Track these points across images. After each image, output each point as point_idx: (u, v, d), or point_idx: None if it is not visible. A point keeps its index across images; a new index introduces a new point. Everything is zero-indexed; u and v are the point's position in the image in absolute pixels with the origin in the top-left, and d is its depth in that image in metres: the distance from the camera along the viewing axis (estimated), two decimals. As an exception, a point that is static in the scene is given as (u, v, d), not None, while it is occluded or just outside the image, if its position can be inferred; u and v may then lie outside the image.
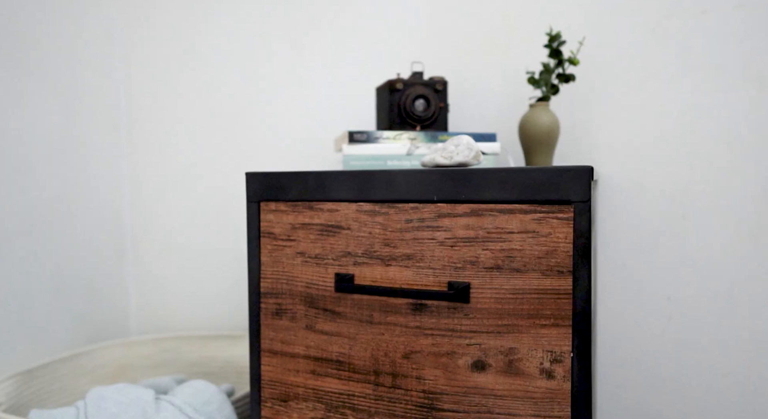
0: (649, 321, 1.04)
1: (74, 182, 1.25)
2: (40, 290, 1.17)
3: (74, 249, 1.25)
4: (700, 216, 1.01)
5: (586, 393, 0.66)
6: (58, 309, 1.21)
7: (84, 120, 1.28)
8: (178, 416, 0.79)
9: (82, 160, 1.27)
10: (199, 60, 1.32)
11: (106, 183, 1.34)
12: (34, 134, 1.16)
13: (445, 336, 0.71)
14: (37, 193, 1.16)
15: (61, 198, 1.22)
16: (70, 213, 1.24)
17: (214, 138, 1.32)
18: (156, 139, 1.36)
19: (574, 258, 0.66)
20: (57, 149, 1.21)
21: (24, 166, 1.13)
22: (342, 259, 0.76)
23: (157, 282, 1.38)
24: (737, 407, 0.99)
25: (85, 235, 1.28)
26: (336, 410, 0.76)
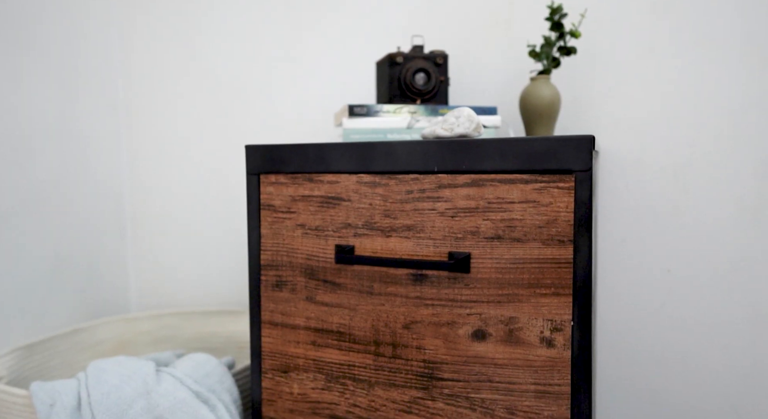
0: (648, 295, 1.04)
1: (73, 161, 1.24)
2: (40, 268, 1.17)
3: (74, 227, 1.25)
4: (701, 191, 1.01)
5: (586, 361, 0.66)
6: (57, 286, 1.22)
7: (82, 99, 1.27)
8: (179, 387, 0.80)
9: (81, 139, 1.27)
10: (197, 38, 1.30)
11: (105, 161, 1.33)
12: (31, 113, 1.15)
13: (446, 306, 0.71)
14: (36, 172, 1.16)
15: (61, 176, 1.21)
16: (69, 192, 1.24)
17: (213, 115, 1.31)
18: (154, 117, 1.35)
19: (574, 228, 0.66)
20: (55, 128, 1.20)
21: (23, 145, 1.13)
22: (342, 231, 0.76)
23: (157, 259, 1.38)
24: (736, 379, 1.00)
25: (84, 213, 1.28)
26: (336, 380, 0.77)
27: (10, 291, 1.11)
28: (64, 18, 1.23)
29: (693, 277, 1.02)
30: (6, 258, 1.10)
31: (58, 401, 0.76)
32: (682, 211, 1.02)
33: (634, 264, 1.05)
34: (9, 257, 1.11)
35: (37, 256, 1.17)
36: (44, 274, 1.18)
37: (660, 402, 1.04)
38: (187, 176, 1.34)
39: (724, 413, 1.01)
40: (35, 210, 1.16)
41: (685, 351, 1.03)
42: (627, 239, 1.05)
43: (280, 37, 1.25)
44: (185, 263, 1.36)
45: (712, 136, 1.00)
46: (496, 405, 0.70)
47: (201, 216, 1.34)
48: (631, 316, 1.05)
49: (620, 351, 1.06)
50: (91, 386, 0.78)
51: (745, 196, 0.99)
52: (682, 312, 1.02)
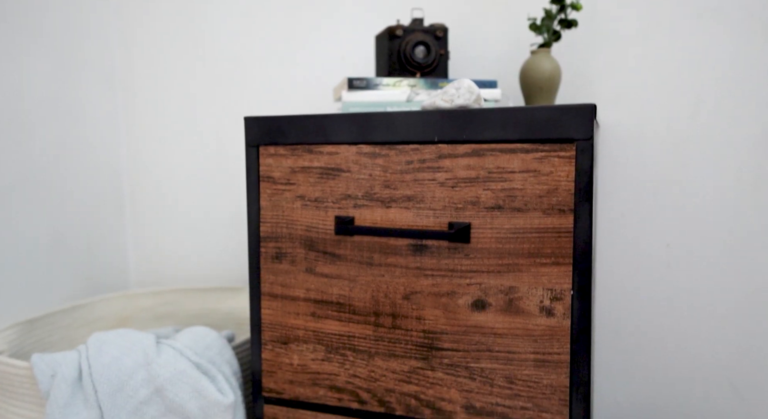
0: (647, 268, 1.04)
1: (71, 138, 1.24)
2: (39, 245, 1.17)
3: (72, 204, 1.24)
4: (701, 164, 1.01)
5: (585, 330, 0.66)
6: (56, 263, 1.21)
7: (79, 76, 1.25)
8: (179, 358, 0.80)
9: (78, 116, 1.26)
10: (194, 13, 1.29)
11: (103, 138, 1.32)
12: (28, 90, 1.14)
13: (446, 277, 0.71)
14: (34, 149, 1.15)
15: (58, 153, 1.21)
16: (67, 169, 1.23)
17: (211, 91, 1.30)
18: (152, 93, 1.34)
19: (575, 197, 0.66)
20: (52, 105, 1.19)
21: (20, 122, 1.12)
22: (342, 202, 0.76)
23: (156, 235, 1.38)
24: (733, 352, 1.01)
25: (82, 190, 1.27)
26: (336, 351, 0.77)
27: (9, 268, 1.11)
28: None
29: (692, 251, 1.02)
30: (4, 235, 1.10)
31: (58, 372, 0.77)
32: (681, 185, 1.02)
33: (633, 238, 1.05)
34: (7, 234, 1.11)
35: (35, 233, 1.16)
36: (43, 251, 1.18)
37: (657, 375, 1.05)
38: (186, 152, 1.33)
39: (721, 386, 1.02)
40: (33, 187, 1.15)
41: (683, 325, 1.03)
42: (626, 214, 1.05)
43: (278, 10, 1.23)
44: (184, 239, 1.36)
45: (712, 110, 1.00)
46: (495, 374, 0.70)
47: (200, 192, 1.33)
48: (629, 290, 1.05)
49: (619, 325, 1.06)
50: (92, 357, 0.78)
51: (745, 170, 0.98)
52: (680, 286, 1.03)
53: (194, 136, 1.32)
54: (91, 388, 0.76)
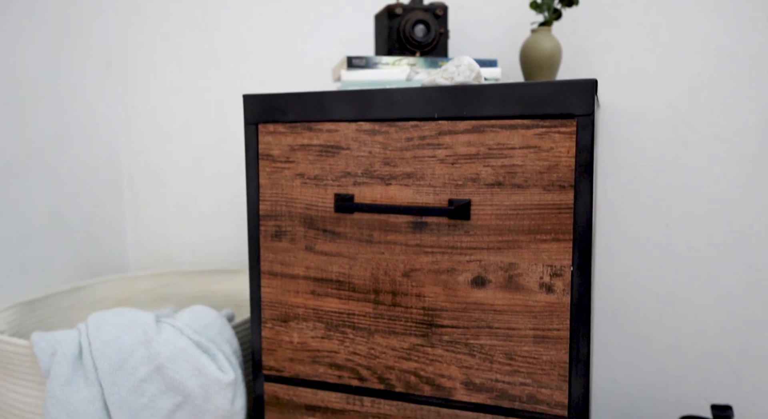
0: (647, 249, 1.04)
1: (68, 118, 1.23)
2: (37, 226, 1.17)
3: (70, 185, 1.24)
4: (701, 145, 1.00)
5: (585, 305, 0.66)
6: (55, 245, 1.21)
7: (75, 56, 1.24)
8: (179, 337, 0.80)
9: (75, 96, 1.25)
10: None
11: (100, 118, 1.32)
12: (24, 69, 1.13)
13: (446, 254, 0.71)
14: (30, 129, 1.14)
15: (56, 134, 1.20)
16: (65, 149, 1.22)
17: (210, 72, 1.29)
18: (149, 72, 1.33)
19: (576, 173, 0.66)
20: (49, 85, 1.18)
21: (16, 102, 1.11)
22: (341, 180, 0.75)
23: (155, 217, 1.38)
24: (729, 330, 1.01)
25: (80, 171, 1.26)
26: (336, 329, 0.77)
27: (8, 250, 1.11)
28: (55, -29, 1.20)
29: (691, 232, 1.02)
30: (2, 217, 1.10)
31: (58, 350, 0.77)
32: (681, 166, 1.02)
33: (632, 219, 1.05)
34: (5, 215, 1.10)
35: (34, 216, 1.16)
36: (42, 233, 1.18)
37: (655, 352, 1.05)
38: (184, 134, 1.33)
39: (717, 363, 1.02)
40: (32, 169, 1.15)
41: (681, 304, 1.03)
42: (626, 195, 1.05)
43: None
44: (183, 221, 1.36)
45: (713, 90, 0.99)
46: (495, 350, 0.70)
47: (199, 174, 1.33)
48: (629, 270, 1.06)
49: (617, 306, 1.07)
50: (92, 335, 0.78)
51: (746, 150, 0.98)
52: (679, 266, 1.03)
53: (192, 115, 1.31)
54: (92, 366, 0.76)
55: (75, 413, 0.74)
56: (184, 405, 0.80)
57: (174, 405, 0.80)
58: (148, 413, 0.78)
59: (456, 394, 0.72)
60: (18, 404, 0.81)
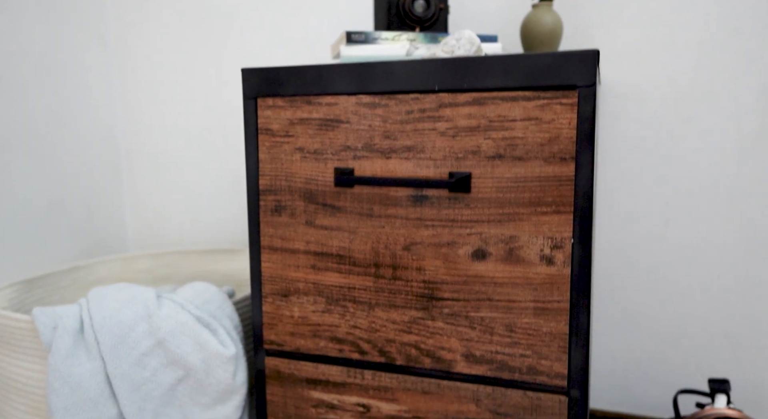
0: (646, 226, 1.04)
1: (64, 97, 1.22)
2: (36, 206, 1.16)
3: (68, 164, 1.23)
4: (703, 120, 1.00)
5: (585, 277, 0.66)
6: (54, 225, 1.21)
7: (70, 33, 1.23)
8: (180, 312, 0.80)
9: (71, 75, 1.24)
10: (187, -34, 1.26)
11: (97, 96, 1.31)
12: (19, 47, 1.12)
13: (446, 227, 0.71)
14: (26, 108, 1.13)
15: (52, 113, 1.19)
16: (61, 128, 1.22)
17: (207, 49, 1.28)
18: (146, 49, 1.32)
19: (577, 144, 0.66)
20: (44, 63, 1.17)
21: (11, 80, 1.10)
22: (341, 154, 0.75)
23: (153, 197, 1.37)
24: (728, 304, 1.02)
25: (78, 150, 1.26)
26: (336, 302, 0.77)
27: (6, 228, 1.11)
28: (50, -53, 1.18)
29: (691, 208, 1.02)
30: (0, 195, 1.09)
31: (60, 324, 0.77)
32: (682, 141, 1.01)
33: (632, 196, 1.05)
34: (3, 194, 1.10)
35: (31, 195, 1.15)
36: (40, 213, 1.17)
37: (653, 328, 1.06)
38: (182, 111, 1.32)
39: (715, 336, 1.03)
40: (28, 147, 1.14)
41: (680, 280, 1.04)
42: (626, 171, 1.05)
43: (274, -33, 1.21)
44: (182, 201, 1.35)
45: (715, 65, 0.98)
46: (495, 322, 0.70)
47: (197, 152, 1.32)
48: (628, 247, 1.06)
49: (616, 282, 1.07)
50: (93, 310, 0.78)
51: (747, 125, 0.98)
52: (679, 242, 1.03)
53: (191, 95, 1.31)
54: (93, 340, 0.76)
55: (77, 385, 0.74)
56: (185, 379, 0.80)
57: (176, 378, 0.80)
58: (150, 386, 0.78)
59: (456, 366, 0.73)
60: (21, 378, 0.82)
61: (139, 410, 0.77)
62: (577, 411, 0.68)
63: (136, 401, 0.77)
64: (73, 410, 0.74)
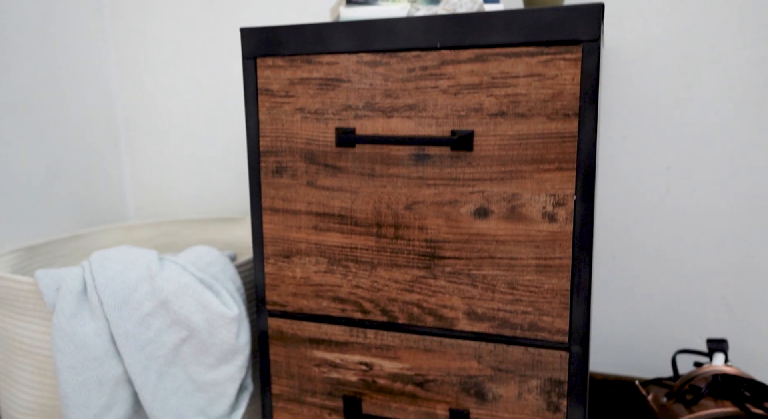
0: (647, 192, 1.04)
1: (60, 65, 1.21)
2: (35, 176, 1.16)
3: (66, 133, 1.23)
4: (706, 86, 0.99)
5: (587, 233, 0.67)
6: (53, 194, 1.21)
7: (64, 1, 1.22)
8: (183, 273, 0.81)
9: (66, 43, 1.22)
10: (183, -70, 1.24)
11: (92, 64, 1.29)
12: (11, 15, 1.10)
13: (448, 185, 0.71)
14: (22, 76, 1.12)
15: (48, 81, 1.18)
16: (58, 98, 1.20)
17: (204, 11, 1.26)
18: (141, 15, 1.31)
19: (580, 100, 0.65)
20: (39, 31, 1.16)
21: (5, 50, 1.09)
22: (342, 113, 0.75)
23: (152, 165, 1.37)
24: (727, 270, 1.02)
25: (75, 119, 1.25)
26: (339, 263, 0.77)
27: (6, 200, 1.10)
28: None
29: (692, 174, 1.02)
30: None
31: (63, 285, 0.77)
32: (685, 107, 1.01)
33: (634, 161, 1.04)
34: (1, 164, 1.09)
35: (29, 164, 1.15)
36: (39, 182, 1.17)
37: (653, 291, 1.06)
38: (180, 77, 1.31)
39: (714, 303, 1.03)
40: (24, 116, 1.13)
41: (680, 244, 1.04)
42: (628, 137, 1.04)
43: (271, -71, 1.18)
44: (182, 168, 1.35)
45: (718, 28, 0.97)
46: (497, 280, 0.71)
47: (196, 118, 1.31)
48: (629, 212, 1.06)
49: (617, 248, 1.07)
50: (96, 271, 0.79)
51: (750, 90, 0.97)
52: (679, 208, 1.03)
53: (188, 59, 1.29)
54: (97, 300, 0.77)
55: (82, 344, 0.75)
56: (189, 340, 0.81)
57: (180, 339, 0.81)
58: (154, 346, 0.79)
59: (458, 324, 0.73)
60: (26, 339, 0.82)
61: (144, 369, 0.78)
62: (577, 366, 0.69)
63: (141, 360, 0.78)
64: (78, 368, 0.75)
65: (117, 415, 0.78)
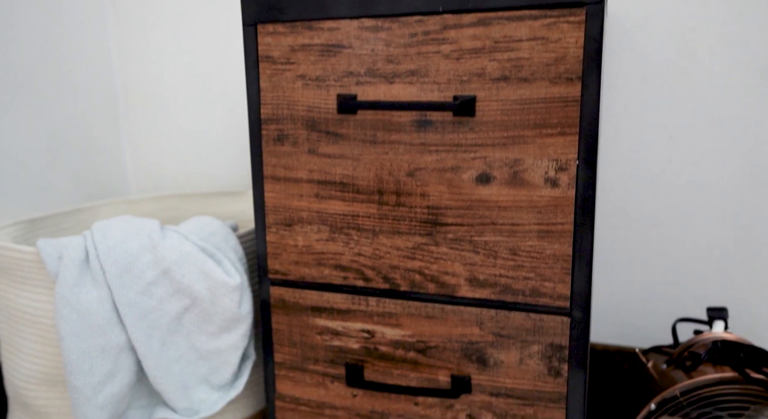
0: (648, 162, 1.04)
1: (57, 37, 1.19)
2: (34, 149, 1.15)
3: (64, 107, 1.22)
4: (711, 53, 0.98)
5: (590, 198, 0.67)
6: (52, 168, 1.20)
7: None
8: (184, 242, 0.81)
9: (63, 14, 1.21)
10: None
11: (89, 33, 1.28)
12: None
13: (450, 151, 0.71)
14: (17, 49, 1.11)
15: (45, 53, 1.17)
16: (55, 70, 1.19)
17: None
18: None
19: (584, 64, 0.65)
20: (37, 4, 1.15)
21: (3, 22, 1.07)
22: (344, 80, 0.74)
23: (152, 139, 1.36)
24: (729, 240, 1.02)
25: (74, 93, 1.24)
26: (340, 231, 0.77)
27: (4, 172, 1.10)
28: None
29: (695, 144, 1.01)
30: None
31: (65, 254, 0.77)
32: (688, 77, 1.00)
33: (636, 132, 1.04)
34: (1, 138, 1.09)
35: (29, 138, 1.14)
36: (38, 156, 1.17)
37: (653, 260, 1.07)
38: (180, 50, 1.29)
39: (716, 273, 1.04)
40: (21, 89, 1.12)
41: (680, 213, 1.04)
42: (630, 107, 1.04)
43: None
44: (183, 142, 1.35)
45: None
46: (499, 246, 0.71)
47: (196, 91, 1.30)
48: (631, 182, 1.06)
49: (616, 217, 1.07)
50: (98, 240, 0.79)
51: (755, 59, 0.96)
52: (681, 178, 1.03)
53: (188, 30, 1.28)
54: (99, 269, 0.77)
55: (85, 312, 0.75)
56: (192, 308, 0.82)
57: (182, 307, 0.81)
58: (157, 315, 0.80)
59: (460, 291, 0.73)
60: (29, 309, 0.83)
61: (147, 337, 0.79)
62: (579, 331, 0.70)
63: (144, 329, 0.79)
64: (82, 336, 0.75)
65: (121, 382, 0.79)
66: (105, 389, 0.77)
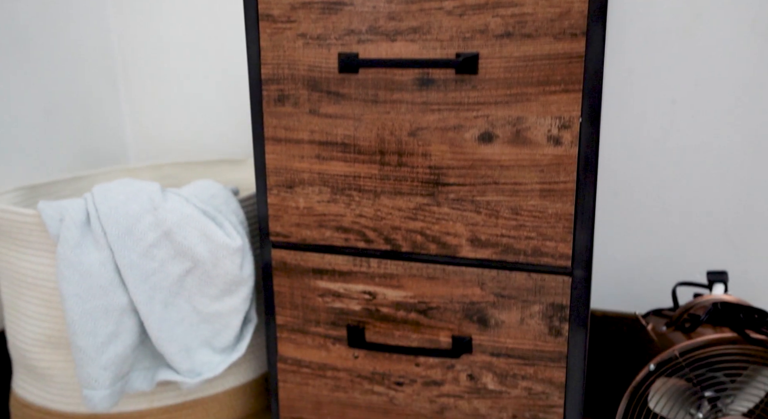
0: (650, 126, 1.03)
1: (56, 2, 1.18)
2: (31, 116, 1.14)
3: (62, 73, 1.21)
4: (715, 14, 0.97)
5: (593, 156, 0.66)
6: (51, 135, 1.19)
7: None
8: (185, 204, 0.80)
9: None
10: None
11: (88, 1, 1.26)
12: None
13: (452, 110, 0.70)
14: (14, 15, 1.09)
15: (42, 19, 1.15)
16: (53, 36, 1.18)
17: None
18: (137, -46, 1.27)
19: (588, 19, 0.64)
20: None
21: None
22: (345, 38, 0.73)
23: (151, 106, 1.35)
24: (731, 205, 1.02)
25: (72, 59, 1.23)
26: (342, 192, 0.77)
27: (2, 139, 1.09)
28: None
29: (698, 107, 1.01)
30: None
31: (66, 216, 0.77)
32: (693, 37, 0.99)
33: (639, 95, 1.03)
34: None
35: (26, 105, 1.13)
36: (36, 124, 1.16)
37: (655, 227, 1.07)
38: (178, 13, 1.28)
39: (717, 239, 1.04)
40: (20, 54, 1.11)
41: (683, 179, 1.04)
42: (634, 69, 1.03)
43: None
44: (182, 109, 1.33)
45: (732, -45, 0.95)
46: (501, 206, 0.71)
47: (196, 57, 1.29)
48: (633, 147, 1.05)
49: (618, 183, 1.07)
50: (98, 202, 0.78)
51: (760, 23, 0.95)
52: (683, 143, 1.02)
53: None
54: (100, 230, 0.77)
55: (87, 273, 0.75)
56: (193, 270, 0.82)
57: (184, 270, 0.81)
58: (159, 277, 0.80)
59: (461, 251, 0.73)
60: (30, 272, 0.83)
61: (149, 299, 0.79)
62: (580, 290, 0.70)
63: (146, 291, 0.79)
64: (84, 296, 0.75)
65: (124, 343, 0.79)
66: (108, 349, 0.77)
